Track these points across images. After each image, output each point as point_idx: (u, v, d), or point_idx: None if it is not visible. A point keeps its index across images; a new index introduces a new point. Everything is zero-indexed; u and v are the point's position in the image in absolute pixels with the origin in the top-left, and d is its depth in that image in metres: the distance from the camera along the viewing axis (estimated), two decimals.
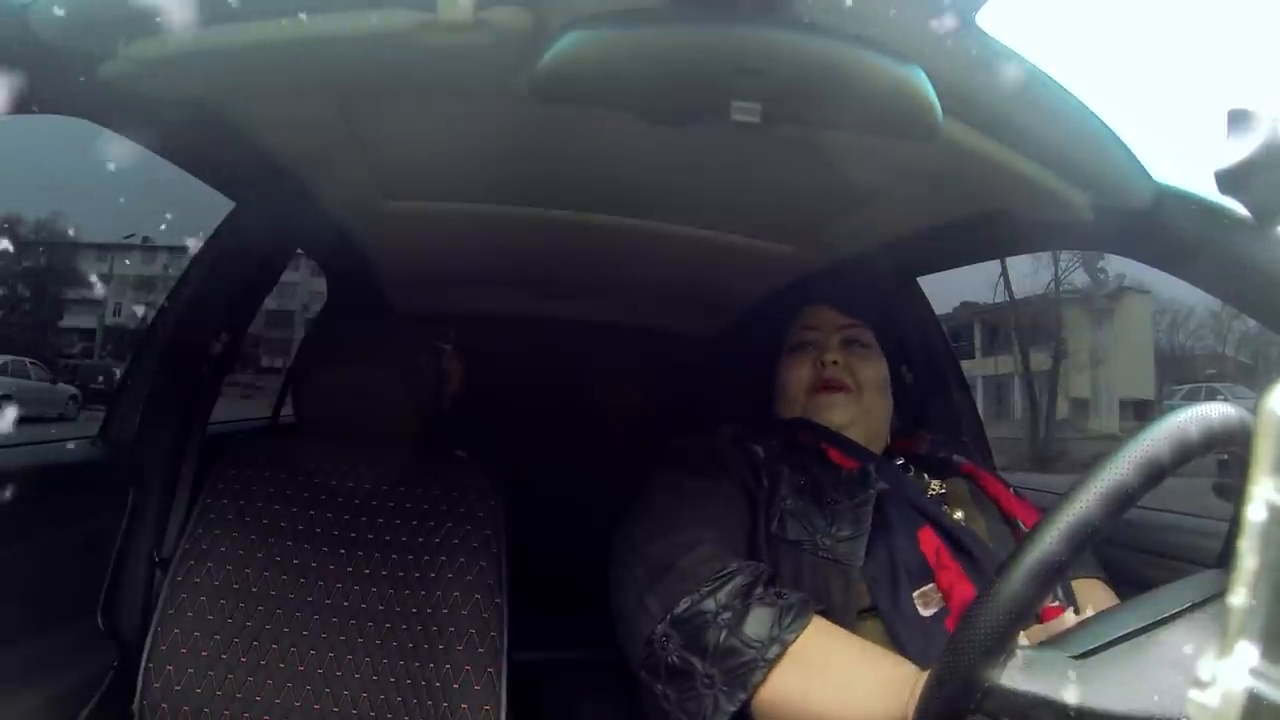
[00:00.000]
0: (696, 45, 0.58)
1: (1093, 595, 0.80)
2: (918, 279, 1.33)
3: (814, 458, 0.85)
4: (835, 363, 0.90)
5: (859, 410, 0.89)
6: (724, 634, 0.65)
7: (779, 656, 0.64)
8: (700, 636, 0.66)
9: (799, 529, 0.78)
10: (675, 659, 0.67)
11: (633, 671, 0.73)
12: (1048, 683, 0.47)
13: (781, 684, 0.64)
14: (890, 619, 0.72)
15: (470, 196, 1.07)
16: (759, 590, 0.68)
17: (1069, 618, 0.54)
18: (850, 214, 1.01)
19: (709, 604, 0.67)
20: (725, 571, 0.69)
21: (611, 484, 0.87)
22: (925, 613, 0.72)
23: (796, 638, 0.64)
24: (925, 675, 0.56)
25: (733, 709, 0.64)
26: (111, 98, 0.65)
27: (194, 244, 1.10)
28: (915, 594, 0.73)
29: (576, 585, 0.94)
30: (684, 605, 0.68)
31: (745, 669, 0.64)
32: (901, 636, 0.71)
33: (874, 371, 0.92)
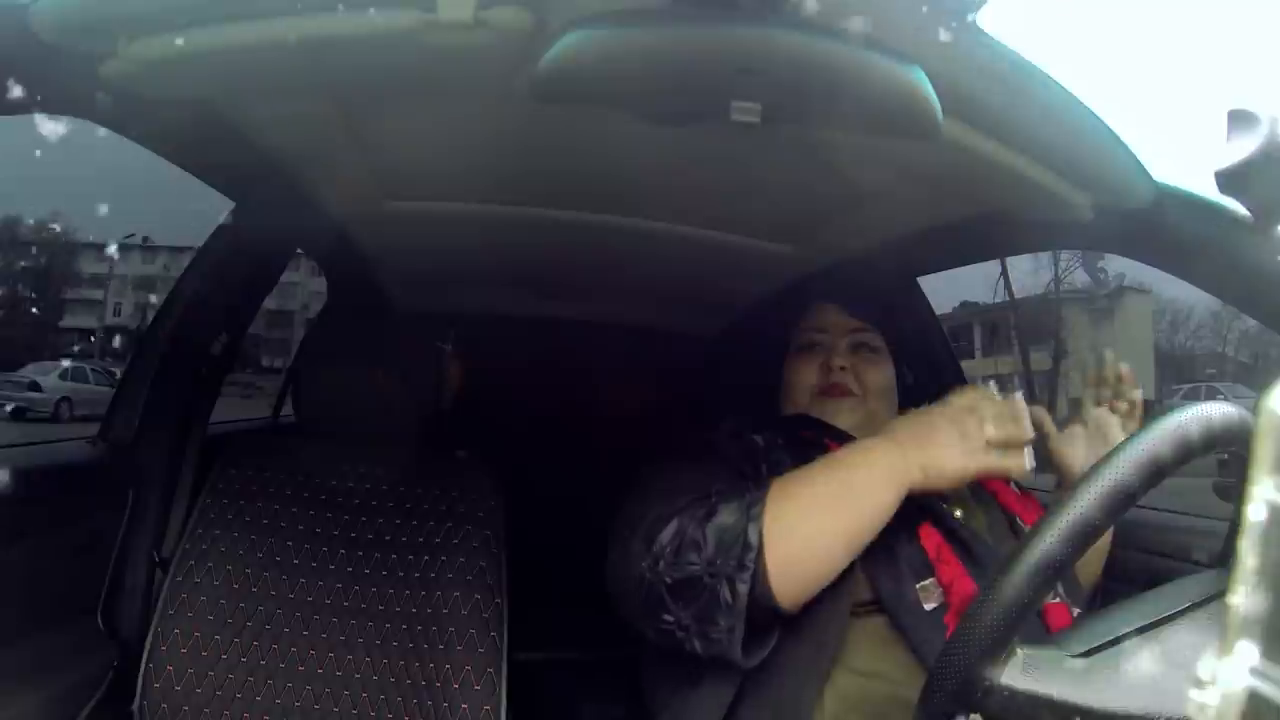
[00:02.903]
0: (697, 45, 0.58)
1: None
2: (918, 279, 1.33)
3: (816, 452, 0.85)
4: (843, 368, 0.89)
5: (864, 415, 0.89)
6: (705, 522, 0.68)
7: (762, 509, 0.66)
8: (683, 541, 0.68)
9: None
10: (671, 576, 0.68)
11: (634, 667, 0.74)
12: (1048, 682, 0.47)
13: (782, 525, 0.66)
14: (894, 609, 0.71)
15: (470, 197, 1.07)
16: (719, 488, 0.71)
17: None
18: (850, 214, 1.01)
19: (683, 518, 0.70)
20: (695, 497, 0.72)
21: (612, 484, 0.87)
22: (928, 606, 0.72)
23: (766, 493, 0.68)
24: (886, 429, 0.65)
25: (748, 576, 0.64)
26: (111, 98, 0.65)
27: (194, 244, 1.10)
28: (917, 587, 0.73)
29: (577, 585, 0.94)
30: (662, 531, 0.70)
31: (737, 531, 0.66)
32: (906, 627, 0.71)
33: (881, 376, 0.91)
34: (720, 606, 0.65)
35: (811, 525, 0.67)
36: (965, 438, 0.69)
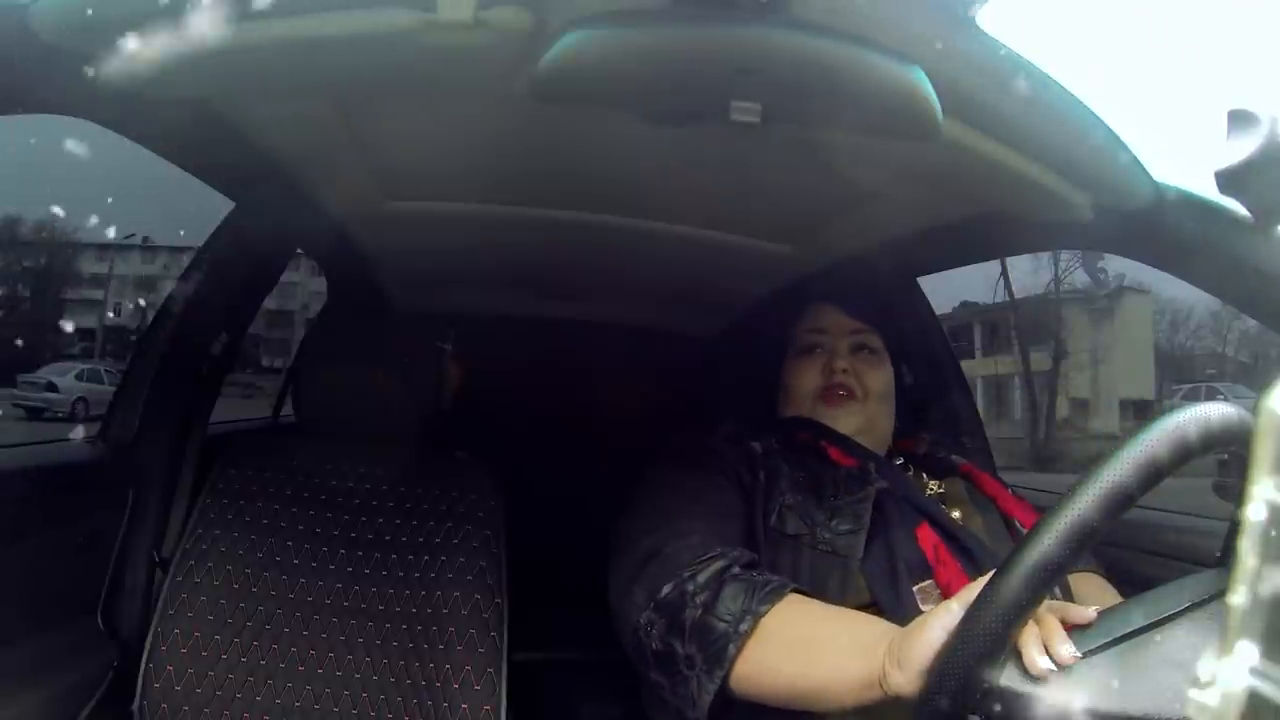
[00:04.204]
0: (697, 45, 0.58)
1: (1090, 588, 0.80)
2: (918, 279, 1.33)
3: (814, 455, 0.85)
4: (845, 370, 0.89)
5: (865, 418, 0.88)
6: (700, 613, 0.66)
7: (751, 629, 0.64)
8: (678, 618, 0.67)
9: (798, 523, 0.78)
10: (658, 644, 0.68)
11: (633, 666, 0.74)
12: (1047, 683, 0.47)
13: (756, 656, 0.64)
14: (891, 612, 0.71)
15: (470, 197, 1.07)
16: (735, 570, 0.68)
17: (1090, 612, 0.54)
18: (850, 214, 1.01)
19: (689, 586, 0.68)
20: (707, 556, 0.70)
21: (612, 484, 0.87)
22: (925, 608, 0.72)
23: (769, 609, 0.64)
24: (901, 630, 0.57)
25: (714, 687, 0.64)
26: (111, 98, 0.65)
27: (194, 244, 1.11)
28: (915, 589, 0.73)
29: (577, 585, 0.94)
30: (666, 590, 0.69)
31: (720, 644, 0.64)
32: None
33: (881, 379, 0.91)
34: (690, 694, 0.65)
35: (778, 683, 0.65)
36: None
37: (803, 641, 0.64)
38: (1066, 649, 0.48)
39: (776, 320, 0.98)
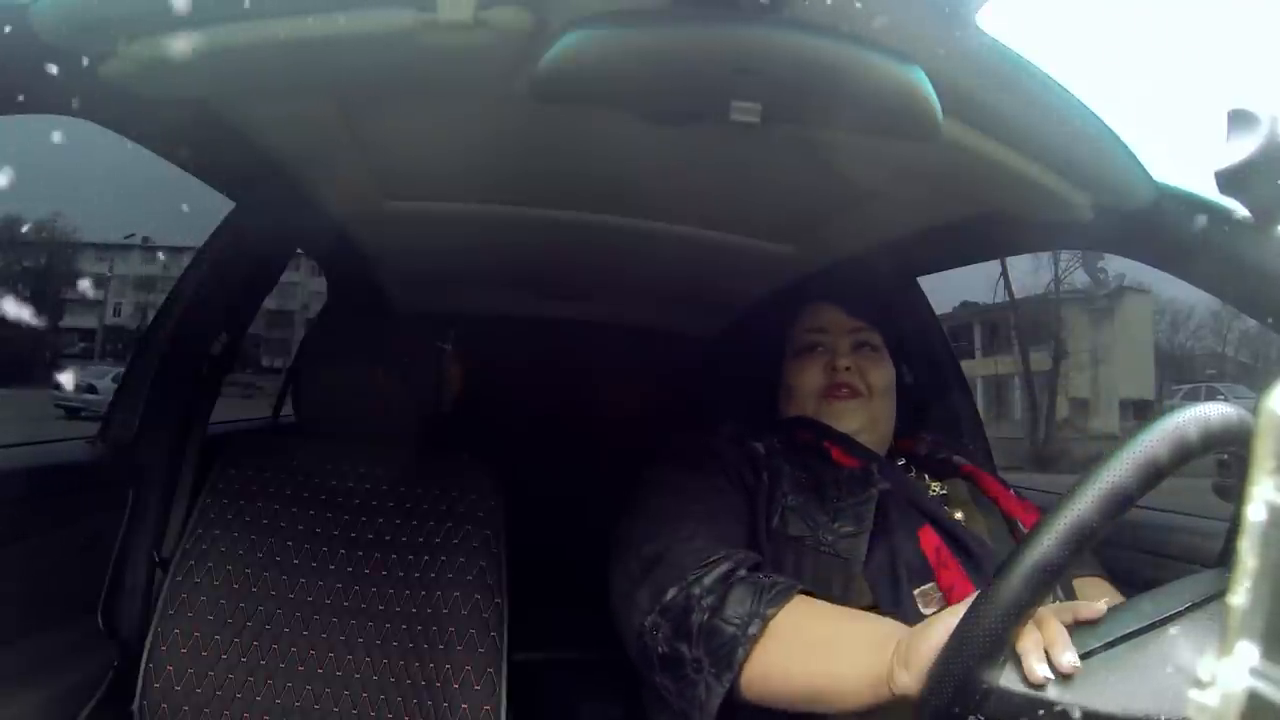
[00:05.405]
0: (697, 45, 0.58)
1: (1095, 594, 0.80)
2: (918, 279, 1.33)
3: (816, 456, 0.85)
4: (848, 368, 0.89)
5: (869, 416, 0.88)
6: (707, 616, 0.66)
7: (760, 632, 0.64)
8: (685, 622, 0.67)
9: (800, 525, 0.78)
10: (664, 648, 0.68)
11: (634, 667, 0.74)
12: (1047, 684, 0.47)
13: (765, 659, 0.64)
14: (891, 616, 0.72)
15: (470, 197, 1.07)
16: (741, 573, 0.68)
17: (1100, 605, 0.53)
18: (850, 214, 1.01)
19: (695, 590, 0.68)
20: (711, 559, 0.69)
21: (612, 484, 0.87)
22: (926, 611, 0.72)
23: (777, 612, 0.64)
24: (909, 630, 0.57)
25: (722, 690, 0.64)
26: (111, 98, 0.65)
27: (194, 244, 1.10)
28: (916, 592, 0.73)
29: (577, 585, 0.94)
30: (671, 594, 0.68)
31: (729, 647, 0.64)
32: None
33: (883, 376, 0.91)
34: (697, 698, 0.65)
35: (789, 685, 0.65)
36: None
37: (812, 642, 0.64)
38: (1068, 657, 0.47)
39: (776, 320, 0.98)
